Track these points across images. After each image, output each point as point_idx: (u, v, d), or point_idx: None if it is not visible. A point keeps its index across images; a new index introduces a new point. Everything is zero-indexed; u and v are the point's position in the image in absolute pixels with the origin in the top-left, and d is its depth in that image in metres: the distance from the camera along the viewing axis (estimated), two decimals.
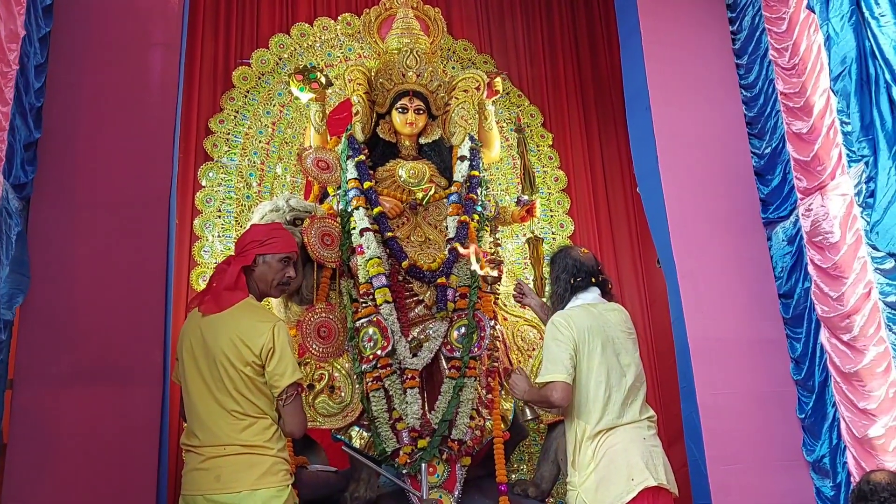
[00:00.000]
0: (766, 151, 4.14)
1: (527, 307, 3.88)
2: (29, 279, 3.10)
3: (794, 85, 3.92)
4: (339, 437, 3.71)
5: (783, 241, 3.95)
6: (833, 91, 3.52)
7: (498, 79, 4.51)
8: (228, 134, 4.88)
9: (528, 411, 3.95)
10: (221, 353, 2.59)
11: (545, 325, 3.30)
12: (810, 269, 3.71)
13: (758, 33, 4.23)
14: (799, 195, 3.85)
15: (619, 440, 2.82)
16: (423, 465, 2.97)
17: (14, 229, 3.02)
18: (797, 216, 3.83)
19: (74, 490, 3.05)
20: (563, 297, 3.11)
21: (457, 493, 3.64)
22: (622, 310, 3.16)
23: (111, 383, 3.22)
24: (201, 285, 4.34)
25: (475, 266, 3.68)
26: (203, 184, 4.73)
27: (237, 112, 4.94)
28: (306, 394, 2.62)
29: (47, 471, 3.05)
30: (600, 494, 2.76)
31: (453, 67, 5.36)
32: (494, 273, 3.82)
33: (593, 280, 3.13)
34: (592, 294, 3.11)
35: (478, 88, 4.35)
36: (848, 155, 3.51)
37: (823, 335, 3.60)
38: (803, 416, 3.70)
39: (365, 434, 3.80)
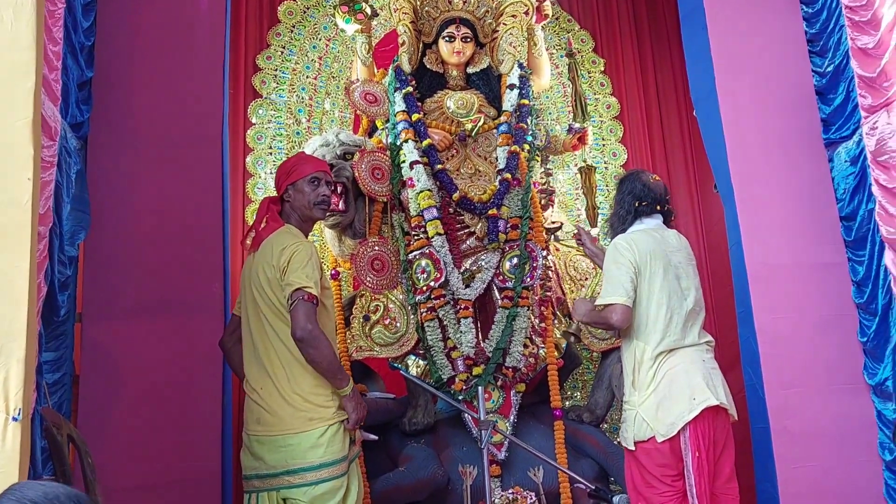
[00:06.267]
0: (829, 69, 3.97)
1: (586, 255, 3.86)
2: (90, 216, 3.17)
3: None
4: (396, 365, 3.78)
5: (846, 161, 3.82)
6: None
7: (547, 2, 4.39)
8: (276, 70, 4.88)
9: (573, 325, 3.96)
10: (257, 278, 2.70)
11: (601, 268, 3.28)
12: (874, 189, 3.58)
13: None
14: (863, 113, 3.69)
15: (679, 361, 2.82)
16: (479, 389, 3.01)
17: (73, 168, 3.08)
18: (861, 135, 3.69)
19: (143, 417, 3.18)
20: (625, 220, 3.07)
21: (512, 418, 3.71)
22: (683, 237, 3.14)
23: (174, 315, 3.32)
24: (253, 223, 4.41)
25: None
26: (253, 121, 4.76)
27: (284, 48, 4.92)
28: (314, 302, 2.60)
29: (117, 399, 3.18)
30: (661, 413, 2.77)
31: None
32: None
33: (658, 207, 3.09)
34: (655, 220, 3.07)
35: (526, 13, 4.24)
36: None
37: (888, 257, 3.49)
38: (865, 339, 3.62)
39: (421, 362, 3.88)
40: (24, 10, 2.15)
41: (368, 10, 4.20)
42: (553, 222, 4.27)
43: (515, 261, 3.87)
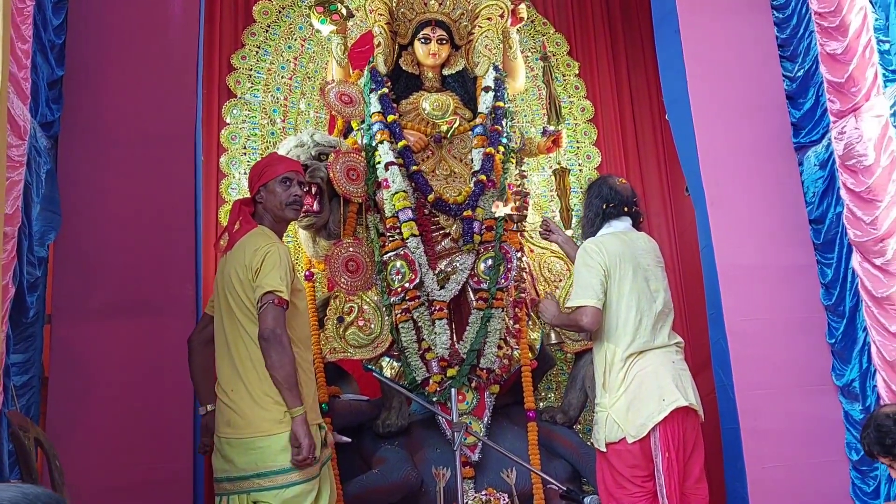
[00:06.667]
0: (799, 74, 4.03)
1: (553, 243, 3.88)
2: (60, 216, 3.14)
3: (828, 4, 3.78)
4: (370, 367, 3.77)
5: (815, 165, 3.87)
6: (871, 3, 3.40)
7: (522, 5, 4.40)
8: (251, 70, 4.85)
9: (553, 335, 3.99)
10: (229, 279, 2.67)
11: (572, 260, 3.31)
12: (843, 193, 3.64)
13: None
14: (832, 118, 3.75)
15: (649, 363, 2.85)
16: (452, 391, 3.01)
17: (43, 167, 3.06)
18: (829, 140, 3.74)
19: (113, 419, 3.16)
20: (594, 222, 3.11)
21: (486, 419, 3.71)
22: (651, 240, 3.17)
23: (145, 317, 3.29)
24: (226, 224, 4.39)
25: (503, 210, 3.77)
26: (227, 121, 4.73)
27: (259, 47, 4.90)
28: (285, 307, 2.58)
29: (87, 402, 3.15)
30: (632, 415, 2.80)
31: None
32: (517, 211, 3.92)
33: (626, 210, 3.13)
34: (624, 223, 3.11)
35: (501, 16, 4.25)
36: (884, 75, 3.41)
37: (855, 260, 3.55)
38: (833, 341, 3.68)
39: (395, 364, 3.87)
40: None
41: (344, 11, 4.19)
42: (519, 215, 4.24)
43: (490, 262, 3.88)
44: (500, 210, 3.90)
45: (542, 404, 4.38)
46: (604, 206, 3.10)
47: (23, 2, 2.82)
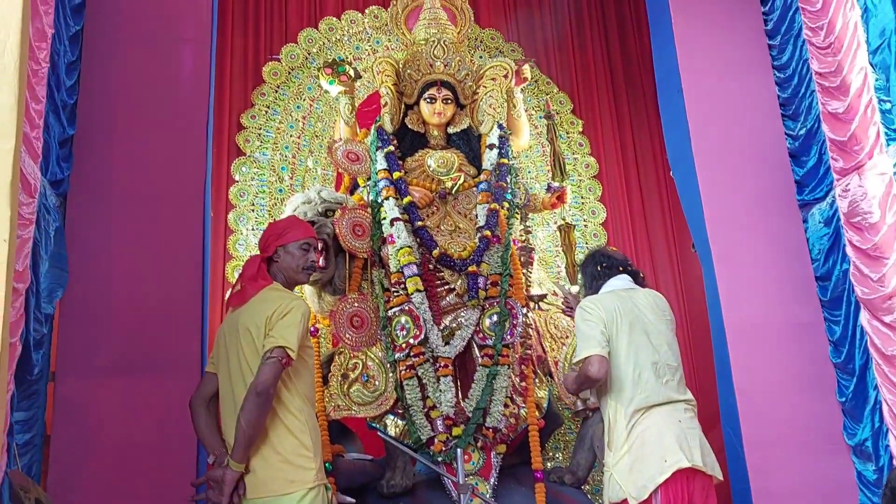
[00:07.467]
0: (801, 133, 4.08)
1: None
2: (67, 274, 3.16)
3: (829, 64, 3.84)
4: (374, 425, 3.73)
5: (819, 222, 3.89)
6: (872, 65, 3.46)
7: (526, 66, 4.49)
8: (260, 129, 4.93)
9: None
10: (247, 333, 2.64)
11: None
12: (849, 250, 3.64)
13: (791, 12, 4.15)
14: (835, 176, 3.78)
15: (653, 422, 2.81)
16: (458, 450, 2.97)
17: (52, 225, 3.08)
18: (833, 197, 3.77)
19: (116, 479, 3.12)
20: (592, 284, 3.17)
21: (492, 480, 3.64)
22: (657, 294, 3.16)
23: (149, 375, 3.28)
24: (236, 278, 4.40)
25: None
26: (236, 178, 4.79)
27: (268, 107, 4.99)
28: (288, 365, 2.58)
29: (89, 460, 3.12)
30: (633, 475, 2.75)
31: (481, 56, 5.35)
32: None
33: (620, 269, 3.15)
34: (622, 281, 3.13)
35: (506, 76, 4.34)
36: (886, 133, 3.45)
37: (864, 317, 3.53)
38: (844, 399, 3.64)
39: (400, 422, 3.82)
40: (6, 73, 2.17)
41: (352, 72, 4.28)
42: (540, 295, 4.25)
43: (495, 318, 3.86)
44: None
45: (549, 464, 4.31)
46: (598, 268, 3.16)
47: (38, 64, 2.89)
